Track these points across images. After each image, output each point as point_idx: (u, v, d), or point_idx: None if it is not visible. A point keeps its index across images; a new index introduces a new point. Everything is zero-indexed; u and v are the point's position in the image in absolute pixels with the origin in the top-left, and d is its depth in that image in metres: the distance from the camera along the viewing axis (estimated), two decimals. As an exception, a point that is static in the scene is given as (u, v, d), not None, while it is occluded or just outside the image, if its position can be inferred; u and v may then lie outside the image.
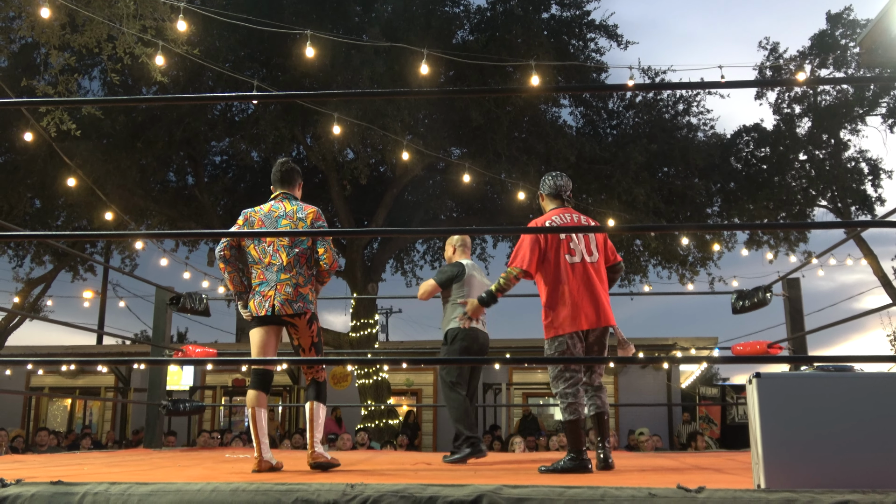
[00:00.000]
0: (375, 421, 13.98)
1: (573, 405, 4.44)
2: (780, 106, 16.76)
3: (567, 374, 4.49)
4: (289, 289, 4.48)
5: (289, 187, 4.84)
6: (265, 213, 4.66)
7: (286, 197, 4.77)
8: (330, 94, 10.99)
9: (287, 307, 4.46)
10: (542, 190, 4.95)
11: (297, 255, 4.56)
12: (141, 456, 6.35)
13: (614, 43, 14.89)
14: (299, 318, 4.52)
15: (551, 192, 4.90)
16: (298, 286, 4.52)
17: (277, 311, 4.46)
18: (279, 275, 4.50)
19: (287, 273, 4.51)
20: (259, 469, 4.37)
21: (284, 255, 4.53)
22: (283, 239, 4.53)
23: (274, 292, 4.48)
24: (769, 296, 7.71)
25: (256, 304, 4.54)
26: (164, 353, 8.47)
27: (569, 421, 4.43)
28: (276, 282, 4.50)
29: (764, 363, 7.31)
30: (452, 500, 2.45)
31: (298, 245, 4.57)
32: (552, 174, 4.97)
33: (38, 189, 14.04)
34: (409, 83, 12.05)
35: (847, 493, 2.38)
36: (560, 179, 4.92)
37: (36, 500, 2.57)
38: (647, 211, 13.68)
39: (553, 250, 4.57)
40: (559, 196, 4.89)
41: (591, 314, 4.50)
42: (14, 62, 12.37)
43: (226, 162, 16.64)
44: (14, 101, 6.13)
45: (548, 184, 4.92)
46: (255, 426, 4.47)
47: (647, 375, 16.91)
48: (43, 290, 18.16)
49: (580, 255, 4.61)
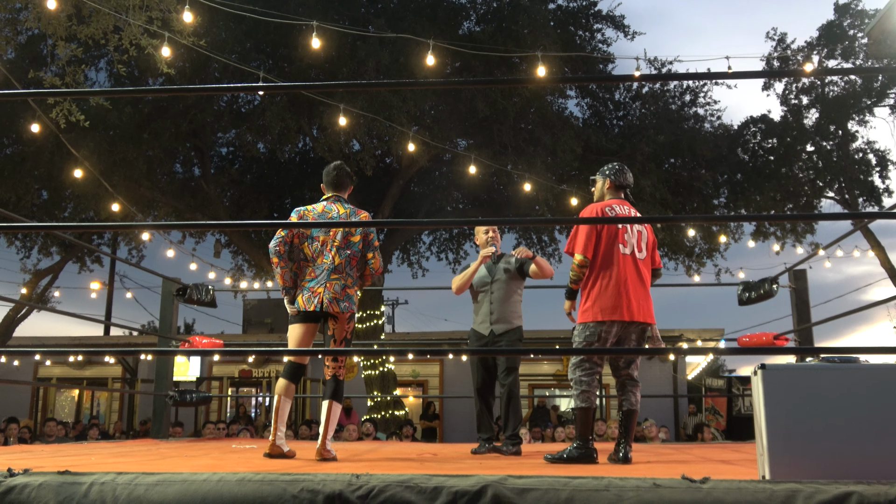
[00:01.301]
0: (381, 412, 14.01)
1: (587, 393, 4.47)
2: (787, 97, 16.69)
3: (588, 363, 4.50)
4: (338, 287, 4.69)
5: (341, 190, 5.00)
6: (318, 213, 4.84)
7: (338, 199, 4.93)
8: (336, 84, 10.98)
9: (335, 305, 4.67)
10: (609, 177, 4.82)
11: (349, 256, 4.77)
12: (148, 446, 6.38)
13: (621, 33, 14.84)
14: (342, 314, 4.73)
15: (617, 182, 4.81)
16: (346, 287, 4.74)
17: (325, 308, 4.65)
18: (329, 274, 4.71)
19: (337, 273, 4.72)
20: (271, 453, 4.56)
21: (336, 256, 4.73)
22: (337, 240, 4.74)
23: (323, 290, 4.67)
24: (776, 287, 7.69)
25: (305, 299, 4.70)
26: (170, 343, 8.49)
27: (580, 408, 4.46)
28: (327, 280, 4.69)
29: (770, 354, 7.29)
30: (457, 491, 2.46)
31: (351, 247, 4.78)
32: (621, 167, 4.89)
33: (45, 180, 14.06)
34: (416, 74, 12.03)
35: (852, 485, 2.38)
36: (628, 175, 4.86)
37: (44, 489, 2.59)
38: (653, 202, 13.64)
39: (608, 238, 4.57)
40: (623, 188, 4.82)
41: (634, 307, 4.50)
42: (21, 54, 12.38)
43: (232, 153, 16.65)
44: (21, 93, 6.15)
45: (620, 175, 4.82)
46: (277, 412, 4.65)
47: (654, 367, 16.90)
48: (50, 282, 18.20)
49: (631, 248, 4.61)
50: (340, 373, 4.80)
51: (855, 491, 2.35)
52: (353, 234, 4.78)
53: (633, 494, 2.41)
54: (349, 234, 4.77)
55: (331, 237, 4.75)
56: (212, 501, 2.52)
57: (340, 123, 10.74)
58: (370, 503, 2.46)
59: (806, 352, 5.64)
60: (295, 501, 2.48)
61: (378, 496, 2.47)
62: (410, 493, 2.47)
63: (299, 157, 16.34)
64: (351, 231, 4.76)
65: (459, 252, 17.14)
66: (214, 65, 12.57)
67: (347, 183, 5.03)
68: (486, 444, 5.68)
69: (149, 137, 13.41)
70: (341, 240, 4.75)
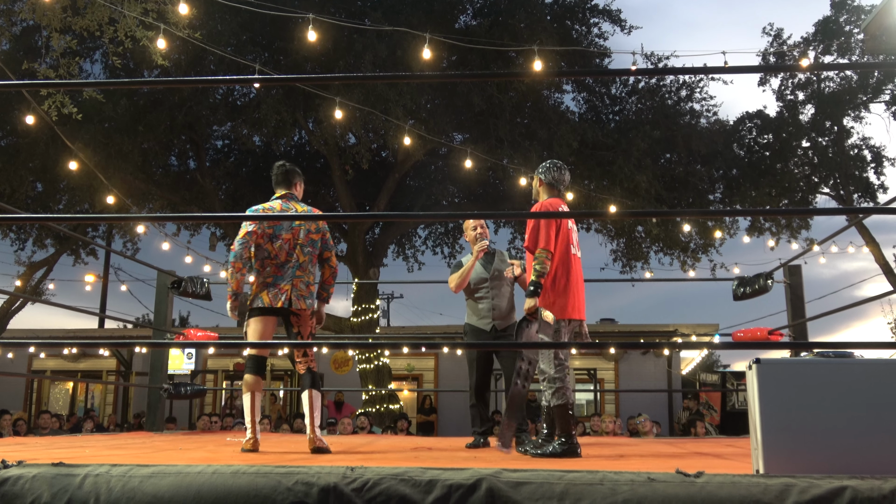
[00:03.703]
0: (376, 406, 14.02)
1: (562, 389, 4.48)
2: (783, 93, 16.70)
3: (558, 360, 4.53)
4: (302, 285, 4.86)
5: (292, 187, 5.12)
6: (278, 211, 4.94)
7: (292, 197, 5.07)
8: (332, 77, 10.97)
9: (301, 302, 4.85)
10: (543, 177, 4.87)
11: (311, 254, 4.95)
12: (142, 439, 6.38)
13: (618, 28, 14.86)
14: (305, 311, 4.91)
15: (552, 182, 4.85)
16: (309, 284, 4.91)
17: (294, 305, 4.81)
18: (295, 271, 4.86)
19: (302, 270, 4.88)
20: (253, 448, 4.68)
21: (301, 254, 4.90)
22: (300, 238, 4.88)
23: (290, 287, 4.82)
24: (770, 283, 7.71)
25: (271, 296, 4.82)
26: (165, 336, 8.49)
27: (558, 405, 4.47)
28: (293, 277, 4.85)
29: (764, 349, 7.31)
30: (452, 484, 2.46)
31: (312, 245, 4.94)
32: (557, 164, 4.90)
33: (39, 172, 14.02)
34: (412, 68, 12.01)
35: (846, 479, 2.39)
36: (563, 172, 4.88)
37: (38, 481, 2.59)
38: (649, 197, 13.65)
39: (563, 238, 4.60)
40: (557, 188, 4.86)
41: (581, 306, 4.64)
42: (15, 45, 12.33)
43: (227, 146, 16.62)
44: (15, 84, 6.13)
45: (551, 173, 4.85)
46: (253, 409, 4.80)
47: (648, 362, 16.94)
48: (45, 274, 18.17)
49: (576, 247, 4.72)
50: (313, 365, 4.92)
51: (849, 485, 2.35)
52: (313, 233, 4.95)
53: (628, 488, 2.41)
54: (310, 233, 4.93)
55: (294, 235, 4.88)
56: (206, 494, 2.52)
57: (336, 117, 10.72)
58: (365, 496, 2.46)
59: (800, 347, 5.65)
60: (289, 494, 2.48)
61: (373, 489, 2.47)
62: (405, 486, 2.48)
63: (295, 150, 16.32)
64: (312, 230, 4.92)
65: (455, 246, 17.15)
66: (210, 57, 12.53)
67: (297, 180, 5.15)
68: (480, 437, 5.66)
69: (144, 130, 13.38)
70: (304, 238, 4.90)
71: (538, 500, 2.42)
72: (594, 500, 2.39)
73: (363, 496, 2.46)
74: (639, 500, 2.38)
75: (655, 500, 2.37)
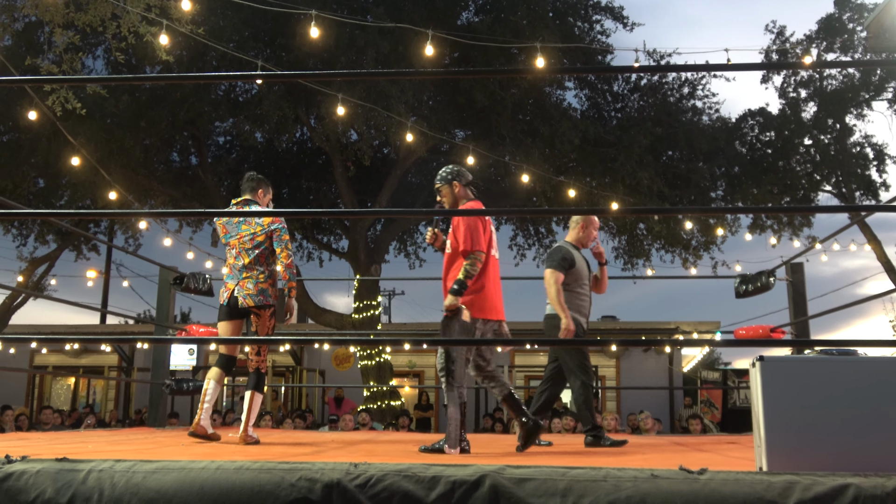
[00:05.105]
0: (378, 402, 14.03)
1: (500, 379, 4.62)
2: (785, 90, 16.67)
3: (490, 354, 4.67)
4: (249, 285, 5.16)
5: (253, 193, 5.45)
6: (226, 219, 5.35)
7: (248, 202, 5.39)
8: (334, 73, 10.95)
9: (249, 300, 5.14)
10: (460, 181, 4.81)
11: (257, 255, 5.22)
12: (145, 434, 6.39)
13: (620, 25, 14.85)
14: (262, 310, 5.18)
15: (467, 184, 4.86)
16: (259, 282, 5.18)
17: (240, 304, 5.15)
18: (241, 273, 5.20)
19: (248, 272, 5.19)
20: (195, 432, 5.02)
21: (246, 257, 5.21)
22: (244, 242, 5.22)
23: (235, 286, 5.19)
24: (772, 280, 7.69)
25: (221, 294, 5.30)
26: (167, 332, 8.49)
27: (507, 395, 4.56)
28: (239, 279, 5.20)
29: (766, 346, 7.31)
30: (455, 480, 2.46)
31: (258, 247, 5.22)
32: (459, 167, 4.90)
33: (41, 168, 14.03)
34: (414, 64, 12.01)
35: (849, 477, 2.39)
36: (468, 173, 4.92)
37: (41, 476, 2.59)
38: (650, 195, 13.64)
39: (487, 239, 4.64)
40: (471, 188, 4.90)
41: (500, 307, 4.71)
42: (18, 41, 12.31)
43: (229, 142, 16.63)
44: (18, 79, 6.13)
45: (464, 176, 4.85)
46: (205, 395, 5.13)
47: (649, 359, 16.95)
48: (47, 270, 18.16)
49: (496, 249, 4.78)
50: (263, 366, 5.27)
51: (852, 483, 2.35)
52: (258, 235, 5.22)
53: (631, 485, 2.41)
54: (256, 236, 5.22)
55: (239, 240, 5.23)
56: (210, 489, 2.52)
57: (338, 113, 10.72)
58: (368, 492, 2.46)
59: (803, 344, 5.65)
60: (293, 490, 2.49)
61: (376, 485, 2.47)
62: (409, 482, 2.48)
63: (297, 146, 16.33)
64: (257, 232, 5.20)
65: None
66: (212, 53, 12.54)
67: (254, 187, 5.46)
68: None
69: (146, 126, 13.38)
70: (248, 241, 5.22)
71: (541, 496, 2.42)
72: (597, 497, 2.39)
73: (367, 492, 2.47)
74: (642, 496, 2.38)
75: (659, 497, 2.37)
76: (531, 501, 2.42)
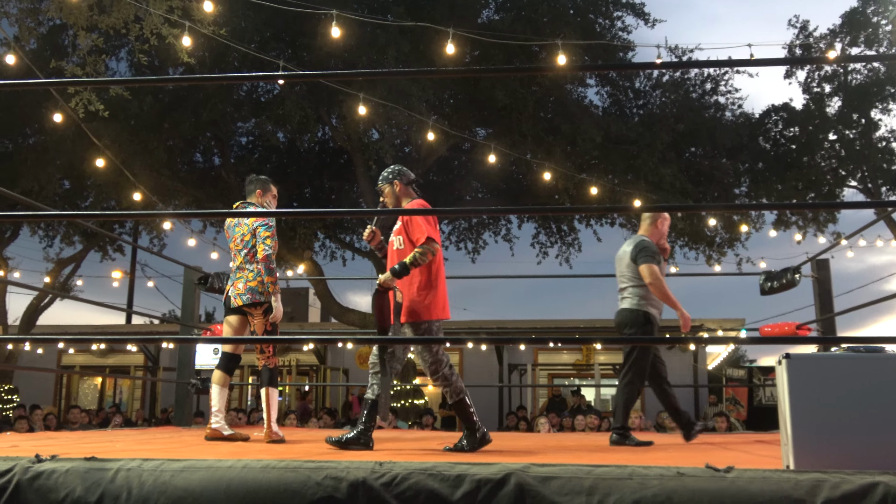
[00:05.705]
0: (401, 401, 14.05)
1: (457, 384, 4.63)
2: (809, 85, 16.53)
3: (447, 357, 4.68)
4: (240, 285, 5.26)
5: (250, 196, 5.54)
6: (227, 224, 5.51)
7: (246, 206, 5.48)
8: (355, 73, 10.97)
9: (238, 300, 5.24)
10: (401, 180, 4.79)
11: (246, 254, 5.31)
12: (171, 433, 6.44)
13: (641, 21, 14.75)
14: (254, 308, 5.24)
15: (409, 182, 4.85)
16: (248, 281, 5.25)
17: (232, 304, 5.27)
18: (236, 273, 5.33)
19: (241, 272, 5.30)
20: (211, 437, 5.05)
21: (239, 258, 5.33)
22: (238, 244, 5.34)
23: (230, 287, 5.33)
24: (798, 277, 7.62)
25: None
26: (192, 332, 8.54)
27: (460, 401, 4.61)
28: (233, 279, 5.33)
29: (792, 344, 7.25)
30: (480, 479, 2.46)
31: (245, 246, 5.32)
32: (400, 167, 4.90)
33: (66, 170, 14.17)
34: (435, 63, 12.01)
35: (877, 475, 2.36)
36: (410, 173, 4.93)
37: (70, 475, 2.62)
38: (673, 191, 13.57)
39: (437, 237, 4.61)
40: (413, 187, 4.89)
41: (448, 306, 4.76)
42: (42, 44, 12.45)
43: (252, 143, 16.70)
44: (43, 82, 6.20)
45: (406, 175, 4.83)
46: (211, 401, 5.20)
47: (674, 357, 16.83)
48: (73, 270, 18.34)
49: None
50: (270, 363, 5.32)
51: (881, 481, 2.33)
52: (246, 235, 5.32)
53: (657, 483, 2.40)
54: (244, 236, 5.32)
55: (234, 242, 5.37)
56: (236, 487, 2.54)
57: (360, 112, 10.74)
58: (394, 490, 2.47)
59: (829, 341, 5.59)
60: (319, 488, 2.50)
61: (401, 483, 2.48)
62: (434, 481, 2.48)
63: (318, 146, 16.37)
64: (245, 232, 5.31)
65: (478, 241, 17.09)
66: (234, 54, 12.61)
67: (251, 188, 5.54)
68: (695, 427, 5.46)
69: (169, 127, 13.48)
70: (240, 242, 5.33)
71: (567, 494, 2.42)
72: (623, 495, 2.39)
73: (392, 491, 2.47)
74: (668, 494, 2.37)
75: (685, 495, 2.36)
76: (556, 500, 2.41)
